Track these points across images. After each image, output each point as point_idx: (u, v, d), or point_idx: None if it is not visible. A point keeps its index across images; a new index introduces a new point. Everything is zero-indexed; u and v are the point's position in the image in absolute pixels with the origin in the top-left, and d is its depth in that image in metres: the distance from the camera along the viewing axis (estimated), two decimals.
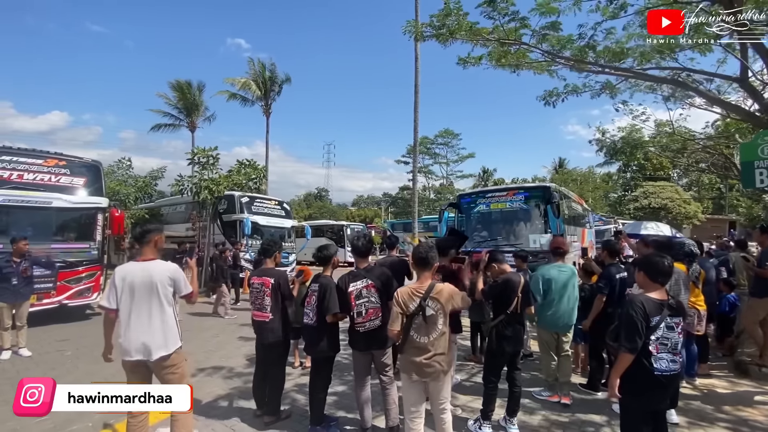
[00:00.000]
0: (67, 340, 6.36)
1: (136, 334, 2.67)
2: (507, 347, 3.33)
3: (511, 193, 9.22)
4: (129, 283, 2.70)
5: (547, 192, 8.54)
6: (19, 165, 7.44)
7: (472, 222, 9.74)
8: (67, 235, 8.01)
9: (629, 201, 29.82)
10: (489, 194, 9.70)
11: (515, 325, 3.36)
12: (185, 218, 15.36)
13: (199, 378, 4.65)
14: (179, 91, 26.28)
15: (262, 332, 3.58)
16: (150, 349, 2.66)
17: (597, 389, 4.23)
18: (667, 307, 2.37)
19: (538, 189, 9.05)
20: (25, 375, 4.74)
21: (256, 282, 3.60)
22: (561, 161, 40.46)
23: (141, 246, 2.85)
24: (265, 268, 3.75)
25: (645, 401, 2.40)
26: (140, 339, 2.66)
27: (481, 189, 9.91)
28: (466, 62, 6.88)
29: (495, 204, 9.38)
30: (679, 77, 7.27)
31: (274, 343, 3.55)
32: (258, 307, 3.58)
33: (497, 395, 3.39)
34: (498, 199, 9.40)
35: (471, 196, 10.04)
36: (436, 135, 40.45)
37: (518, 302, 3.33)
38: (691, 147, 11.76)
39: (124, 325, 2.70)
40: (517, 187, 9.58)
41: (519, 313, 3.37)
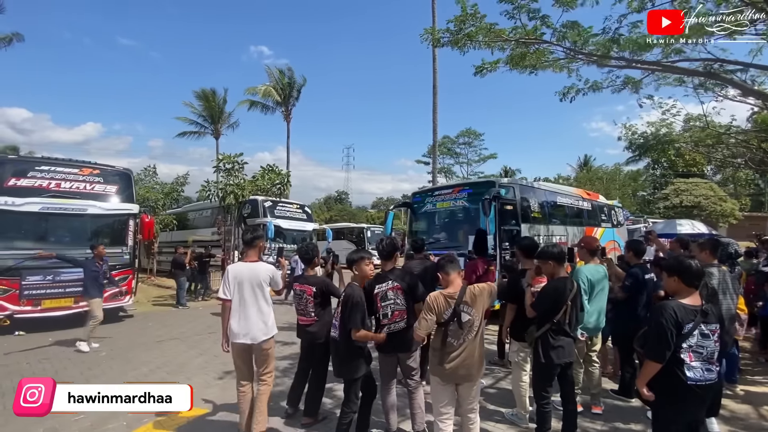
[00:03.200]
0: (103, 340, 6.62)
1: (245, 321, 3.16)
2: (556, 358, 2.97)
3: (456, 190, 8.48)
4: (239, 279, 3.20)
5: (492, 187, 7.66)
6: (57, 174, 7.86)
7: (421, 223, 9.16)
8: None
9: (659, 199, 28.67)
10: (437, 192, 8.99)
11: (563, 334, 3.00)
12: (211, 223, 15.77)
13: (226, 380, 4.75)
14: (204, 99, 27.13)
15: (307, 335, 3.66)
16: (255, 334, 3.16)
17: (631, 395, 4.05)
18: (701, 313, 2.22)
19: (482, 185, 8.25)
20: (64, 373, 4.99)
21: (298, 288, 3.71)
22: (586, 159, 39.33)
23: (247, 249, 3.38)
24: (306, 275, 3.81)
25: (678, 411, 2.26)
26: (248, 326, 3.16)
27: (431, 187, 9.19)
28: (482, 69, 6.78)
29: (441, 203, 8.67)
30: (711, 68, 6.94)
31: (317, 345, 3.58)
32: (302, 312, 3.67)
33: (551, 413, 3.11)
34: (444, 198, 8.66)
35: (420, 195, 9.29)
36: (458, 134, 40.04)
37: (567, 310, 2.97)
38: (726, 141, 11.18)
39: (236, 313, 3.18)
40: (462, 184, 8.69)
41: (567, 323, 3.02)
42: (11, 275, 6.95)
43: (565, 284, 3.04)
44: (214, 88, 27.41)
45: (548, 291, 3.04)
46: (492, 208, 7.05)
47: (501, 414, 3.71)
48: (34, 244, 7.46)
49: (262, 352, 3.25)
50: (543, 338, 3.01)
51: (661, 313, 2.24)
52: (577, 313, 3.10)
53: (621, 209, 13.76)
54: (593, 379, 3.85)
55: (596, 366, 3.90)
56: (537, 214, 8.72)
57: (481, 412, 2.98)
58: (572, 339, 3.07)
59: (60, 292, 7.33)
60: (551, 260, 3.11)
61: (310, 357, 3.72)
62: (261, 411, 3.23)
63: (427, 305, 2.61)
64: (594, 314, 3.72)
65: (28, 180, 7.52)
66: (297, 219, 15.17)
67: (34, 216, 7.40)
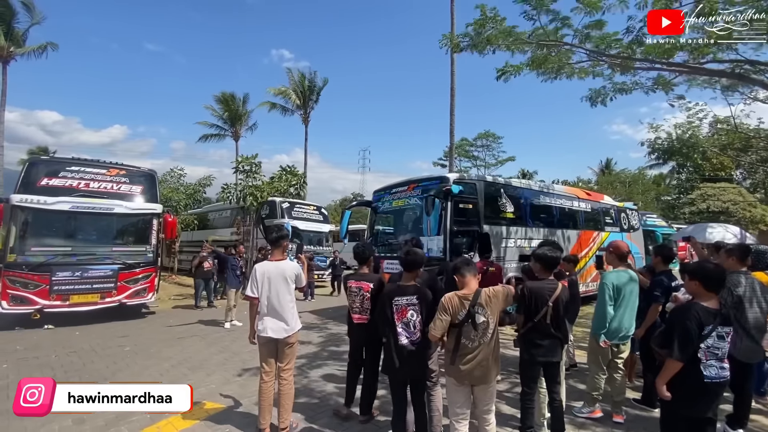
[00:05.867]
0: (127, 336, 6.84)
1: (272, 317, 3.32)
2: (536, 356, 3.04)
3: (411, 187, 7.77)
4: (267, 277, 3.34)
5: (445, 184, 6.82)
6: (86, 175, 8.18)
7: (381, 223, 8.53)
8: (126, 239, 8.67)
9: (684, 204, 27.73)
10: (394, 190, 8.22)
11: (545, 334, 3.02)
12: (230, 223, 16.13)
13: (245, 377, 4.84)
14: (224, 103, 27.74)
15: (362, 333, 3.64)
16: (282, 329, 3.30)
17: (654, 405, 3.94)
18: (720, 316, 2.35)
19: (434, 180, 7.38)
20: (91, 366, 5.18)
21: (354, 286, 3.67)
22: (608, 162, 38.45)
23: (274, 248, 3.55)
24: (362, 273, 3.80)
25: (693, 408, 2.39)
26: (275, 321, 3.30)
27: (390, 184, 8.43)
28: (505, 73, 6.72)
29: (397, 201, 8.00)
30: (741, 70, 6.72)
31: (373, 342, 3.60)
32: (358, 310, 3.63)
33: (534, 408, 3.17)
34: (399, 196, 7.97)
35: (380, 193, 8.59)
36: (476, 137, 39.74)
37: (548, 312, 2.98)
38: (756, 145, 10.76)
39: (263, 310, 3.34)
40: (417, 180, 7.90)
41: (549, 323, 3.01)
42: (42, 271, 7.26)
43: (545, 286, 3.06)
44: (233, 92, 28.11)
45: (524, 291, 3.08)
46: (436, 207, 6.31)
47: (517, 419, 3.67)
48: (63, 242, 7.79)
49: (286, 347, 3.37)
50: (525, 336, 3.09)
51: (685, 314, 2.37)
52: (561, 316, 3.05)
53: (636, 212, 12.52)
54: (615, 386, 3.76)
55: (620, 373, 3.79)
56: (510, 214, 7.97)
57: (497, 416, 2.96)
58: (558, 340, 3.06)
59: (87, 288, 7.62)
60: (538, 263, 3.18)
61: (362, 355, 3.75)
62: (286, 409, 3.32)
63: (442, 306, 2.63)
64: (621, 320, 3.63)
65: (60, 180, 7.85)
66: (314, 220, 15.38)
67: (64, 214, 7.72)
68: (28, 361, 5.34)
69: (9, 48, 20.42)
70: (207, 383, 4.63)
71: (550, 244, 3.39)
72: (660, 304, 3.82)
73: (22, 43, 21.30)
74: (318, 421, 3.67)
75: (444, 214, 6.62)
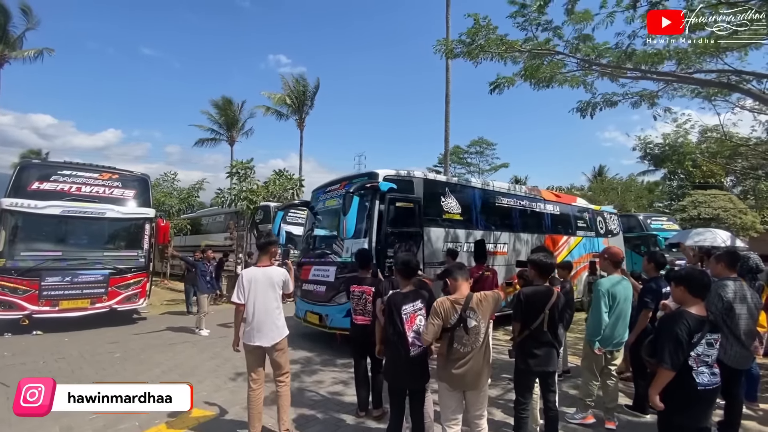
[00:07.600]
0: (117, 342, 6.75)
1: (258, 324, 3.25)
2: (533, 365, 3.00)
3: (342, 184, 7.02)
4: (253, 283, 3.27)
5: (372, 180, 6.29)
6: (78, 178, 8.11)
7: (316, 224, 7.69)
8: (117, 244, 8.57)
9: (675, 211, 28.04)
10: (328, 188, 7.54)
11: (542, 342, 2.99)
12: (224, 228, 16.01)
13: (237, 383, 4.79)
14: (220, 107, 27.74)
15: (365, 334, 3.71)
16: (268, 336, 3.25)
17: (645, 411, 3.96)
18: (708, 323, 2.33)
19: (364, 177, 6.69)
20: (80, 373, 5.10)
21: (357, 290, 3.82)
22: (600, 169, 38.84)
23: (261, 254, 3.45)
24: (361, 277, 3.90)
25: (689, 417, 2.35)
26: (261, 328, 3.24)
27: (327, 182, 7.80)
28: (498, 86, 6.81)
29: (329, 200, 7.31)
30: (728, 79, 6.85)
31: (371, 342, 3.60)
32: (361, 312, 3.79)
33: (528, 418, 3.13)
34: (332, 194, 7.27)
35: (317, 192, 7.91)
36: (470, 144, 39.99)
37: (544, 319, 2.97)
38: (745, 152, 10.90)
39: (249, 316, 3.26)
40: (348, 177, 7.24)
41: (545, 331, 2.99)
42: (31, 276, 7.16)
43: (542, 292, 3.03)
44: (230, 97, 28.18)
45: (520, 297, 3.05)
46: (354, 205, 5.58)
47: (509, 425, 3.66)
48: (54, 246, 7.69)
49: (276, 353, 3.33)
50: (521, 345, 3.05)
51: (676, 321, 2.33)
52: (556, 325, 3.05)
53: (615, 216, 12.01)
54: (608, 393, 3.77)
55: (613, 380, 3.81)
56: (457, 216, 7.37)
57: (489, 422, 2.95)
58: (554, 349, 3.05)
59: (77, 293, 7.52)
60: (533, 268, 3.15)
61: (363, 355, 3.85)
62: (285, 410, 3.33)
63: (434, 310, 2.63)
64: (614, 327, 3.65)
65: (51, 184, 7.78)
66: None
67: (55, 219, 7.63)
68: (15, 368, 5.25)
69: (3, 51, 20.32)
70: (198, 390, 4.55)
71: (544, 250, 3.41)
72: (650, 311, 3.84)
73: (17, 47, 21.21)
74: (308, 429, 3.64)
75: (372, 213, 6.04)
